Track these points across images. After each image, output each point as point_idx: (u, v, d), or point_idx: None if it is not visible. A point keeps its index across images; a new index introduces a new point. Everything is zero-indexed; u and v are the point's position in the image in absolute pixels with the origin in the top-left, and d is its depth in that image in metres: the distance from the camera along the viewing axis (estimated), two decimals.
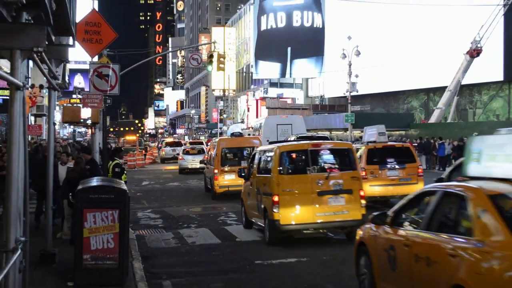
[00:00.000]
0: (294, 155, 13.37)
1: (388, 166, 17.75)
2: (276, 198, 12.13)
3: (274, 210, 12.09)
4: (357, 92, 46.62)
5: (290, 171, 12.93)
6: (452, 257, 6.02)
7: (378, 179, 17.65)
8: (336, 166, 13.12)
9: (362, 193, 12.61)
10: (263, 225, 13.07)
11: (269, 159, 13.31)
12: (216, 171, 21.62)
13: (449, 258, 6.07)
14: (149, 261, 11.14)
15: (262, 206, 12.90)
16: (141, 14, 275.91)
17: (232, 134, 25.71)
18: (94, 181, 9.69)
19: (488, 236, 5.76)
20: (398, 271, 7.20)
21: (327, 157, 13.31)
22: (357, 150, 19.22)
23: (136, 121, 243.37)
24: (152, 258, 11.51)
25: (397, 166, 17.67)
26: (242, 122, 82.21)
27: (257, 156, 14.49)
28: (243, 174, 15.58)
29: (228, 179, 20.99)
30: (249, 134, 42.03)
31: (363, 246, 8.32)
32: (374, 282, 7.85)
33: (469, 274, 5.74)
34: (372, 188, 17.14)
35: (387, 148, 18.41)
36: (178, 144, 52.74)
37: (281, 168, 12.61)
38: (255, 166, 14.35)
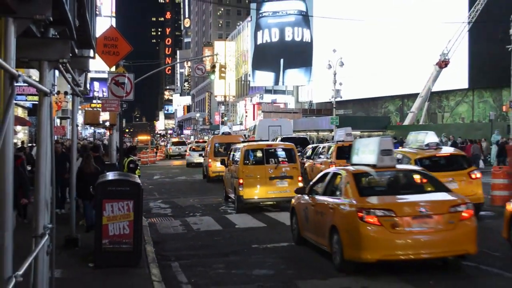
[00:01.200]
0: (254, 152, 16.40)
1: None
2: (241, 181, 15.19)
3: (240, 189, 15.17)
4: (341, 98, 46.50)
5: (252, 162, 15.99)
6: (331, 209, 8.88)
7: None
8: (283, 159, 16.03)
9: (300, 178, 15.60)
10: (233, 198, 15.90)
11: (238, 154, 16.12)
12: (210, 160, 24.35)
13: (329, 210, 8.93)
14: (160, 245, 11.14)
15: (233, 186, 15.79)
16: (153, 30, 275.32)
17: (223, 133, 29.13)
18: (111, 176, 9.69)
19: (348, 196, 8.62)
20: (309, 222, 9.89)
21: (277, 154, 16.31)
22: (329, 147, 20.42)
23: (148, 123, 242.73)
24: (162, 243, 11.50)
25: None
26: (241, 124, 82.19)
27: (232, 152, 17.46)
28: (224, 162, 18.16)
29: (219, 167, 22.28)
30: (245, 135, 42.20)
31: (294, 209, 10.91)
32: (299, 232, 10.50)
33: (337, 218, 8.62)
34: None
35: None
36: (183, 143, 54.25)
37: (245, 160, 15.63)
38: (230, 158, 17.27)
